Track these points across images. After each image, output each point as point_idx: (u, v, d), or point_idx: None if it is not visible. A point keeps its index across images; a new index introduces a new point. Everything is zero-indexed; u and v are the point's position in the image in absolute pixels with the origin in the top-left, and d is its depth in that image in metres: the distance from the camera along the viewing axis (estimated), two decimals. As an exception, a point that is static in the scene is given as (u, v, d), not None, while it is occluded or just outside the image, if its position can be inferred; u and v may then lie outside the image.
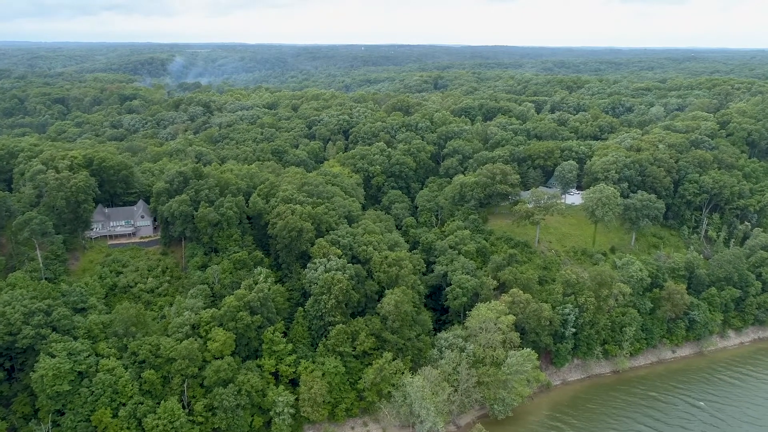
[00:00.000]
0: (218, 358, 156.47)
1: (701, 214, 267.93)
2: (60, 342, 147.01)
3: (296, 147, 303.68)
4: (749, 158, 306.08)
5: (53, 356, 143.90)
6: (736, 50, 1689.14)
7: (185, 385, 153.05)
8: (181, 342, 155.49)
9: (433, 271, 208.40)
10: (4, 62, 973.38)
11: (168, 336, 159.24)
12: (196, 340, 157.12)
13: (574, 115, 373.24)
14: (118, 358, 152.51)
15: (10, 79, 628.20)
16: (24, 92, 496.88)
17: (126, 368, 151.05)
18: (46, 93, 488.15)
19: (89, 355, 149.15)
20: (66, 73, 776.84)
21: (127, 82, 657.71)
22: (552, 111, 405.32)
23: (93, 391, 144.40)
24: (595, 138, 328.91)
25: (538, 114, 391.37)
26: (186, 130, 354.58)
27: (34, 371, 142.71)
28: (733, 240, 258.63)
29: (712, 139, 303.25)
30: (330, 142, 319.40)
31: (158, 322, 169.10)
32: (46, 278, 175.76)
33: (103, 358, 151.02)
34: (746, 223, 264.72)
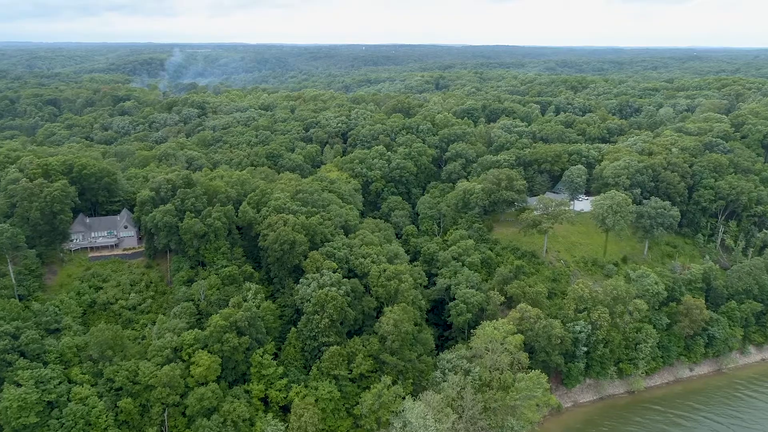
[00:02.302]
0: (202, 384, 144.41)
1: (717, 222, 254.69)
2: (27, 369, 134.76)
3: (292, 150, 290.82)
4: (765, 162, 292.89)
5: (19, 385, 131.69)
6: (738, 49, 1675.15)
7: (165, 415, 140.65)
8: (161, 367, 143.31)
9: (435, 283, 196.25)
10: (4, 63, 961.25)
11: (147, 360, 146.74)
12: (177, 364, 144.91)
13: (581, 116, 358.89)
14: (92, 385, 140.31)
15: (6, 80, 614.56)
16: (16, 93, 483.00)
17: (100, 396, 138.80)
18: (38, 94, 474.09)
19: (60, 383, 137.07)
20: (63, 73, 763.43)
21: (124, 82, 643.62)
22: (557, 112, 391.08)
23: (63, 423, 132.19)
24: (604, 140, 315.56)
25: (543, 115, 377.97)
26: (179, 133, 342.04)
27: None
28: (751, 249, 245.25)
29: (727, 142, 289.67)
30: (327, 145, 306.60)
31: (139, 343, 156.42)
32: (18, 295, 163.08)
33: (75, 385, 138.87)
34: (765, 230, 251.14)
